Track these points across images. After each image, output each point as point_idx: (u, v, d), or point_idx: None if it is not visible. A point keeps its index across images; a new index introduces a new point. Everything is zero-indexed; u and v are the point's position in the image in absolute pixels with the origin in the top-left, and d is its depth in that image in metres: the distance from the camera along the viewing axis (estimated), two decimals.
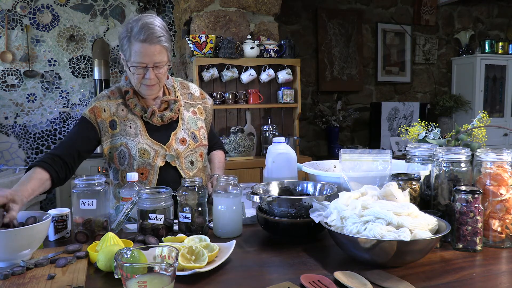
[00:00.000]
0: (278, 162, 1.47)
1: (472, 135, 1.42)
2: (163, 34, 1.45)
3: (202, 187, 1.25)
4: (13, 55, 3.64)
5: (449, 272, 0.96)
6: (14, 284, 0.91)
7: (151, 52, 1.43)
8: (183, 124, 1.61)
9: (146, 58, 1.43)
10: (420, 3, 4.91)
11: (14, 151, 3.70)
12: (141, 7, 3.94)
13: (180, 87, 1.70)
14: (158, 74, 1.48)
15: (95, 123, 1.52)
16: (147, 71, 1.46)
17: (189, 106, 1.67)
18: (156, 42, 1.43)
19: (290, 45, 3.48)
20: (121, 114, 1.55)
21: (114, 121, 1.54)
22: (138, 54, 1.43)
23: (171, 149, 1.55)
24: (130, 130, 1.53)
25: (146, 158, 1.51)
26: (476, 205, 1.08)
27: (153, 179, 1.53)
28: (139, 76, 1.47)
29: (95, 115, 1.52)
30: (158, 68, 1.47)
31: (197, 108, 1.70)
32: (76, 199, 1.21)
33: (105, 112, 1.53)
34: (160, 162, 1.54)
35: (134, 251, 0.85)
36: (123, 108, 1.56)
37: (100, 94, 1.60)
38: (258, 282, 0.92)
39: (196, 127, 1.64)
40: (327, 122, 4.36)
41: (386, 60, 4.92)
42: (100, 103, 1.55)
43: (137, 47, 1.43)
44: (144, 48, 1.42)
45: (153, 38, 1.42)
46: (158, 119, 1.55)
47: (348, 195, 1.11)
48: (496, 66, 4.91)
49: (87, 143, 1.51)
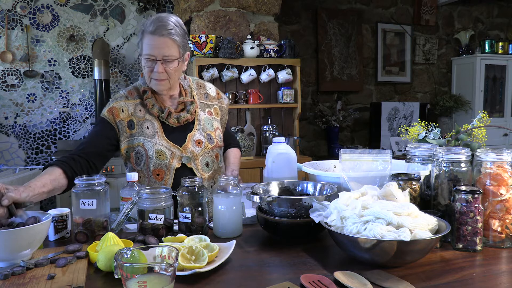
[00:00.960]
0: (278, 162, 1.47)
1: (472, 135, 1.42)
2: (174, 28, 1.45)
3: (202, 187, 1.25)
4: (13, 55, 3.64)
5: (449, 272, 0.96)
6: (14, 284, 0.91)
7: (160, 44, 1.43)
8: (199, 125, 1.61)
9: (155, 50, 1.44)
10: (420, 3, 4.91)
11: (14, 151, 3.70)
12: (141, 7, 3.94)
13: (197, 87, 1.70)
14: (167, 68, 1.47)
15: (114, 123, 1.53)
16: (156, 64, 1.45)
17: (205, 106, 1.67)
18: (166, 34, 1.43)
19: (290, 45, 3.48)
20: (138, 114, 1.55)
21: (132, 121, 1.54)
22: (148, 46, 1.44)
23: (187, 150, 1.55)
24: (148, 131, 1.53)
25: (162, 159, 1.52)
26: (476, 205, 1.08)
27: (168, 181, 1.53)
28: (148, 69, 1.48)
29: (113, 115, 1.53)
30: (168, 62, 1.46)
31: (213, 109, 1.70)
32: (76, 199, 1.21)
33: (123, 112, 1.54)
34: (176, 164, 1.54)
35: (134, 251, 0.85)
36: (140, 109, 1.56)
37: (118, 94, 1.60)
38: (258, 282, 0.92)
39: (212, 128, 1.64)
40: (327, 122, 4.36)
41: (386, 60, 4.92)
42: (118, 103, 1.55)
43: (147, 40, 1.44)
44: (153, 40, 1.43)
45: (163, 30, 1.42)
46: (174, 120, 1.55)
47: (348, 195, 1.11)
48: (496, 66, 4.91)
49: (107, 143, 1.52)
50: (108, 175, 3.35)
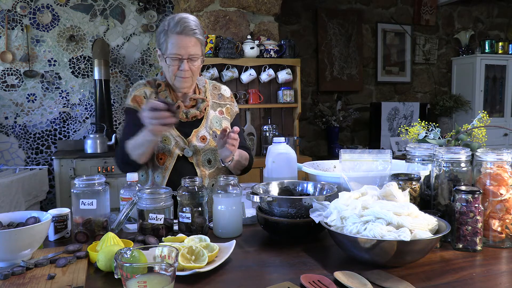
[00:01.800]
0: (278, 162, 1.47)
1: (472, 135, 1.42)
2: (198, 28, 1.53)
3: (202, 187, 1.25)
4: (13, 55, 3.64)
5: (449, 272, 0.96)
6: (14, 284, 0.91)
7: (186, 44, 1.50)
8: (206, 122, 1.64)
9: (182, 49, 1.50)
10: (420, 3, 4.91)
11: (14, 151, 3.70)
12: (141, 7, 3.94)
13: (212, 88, 1.74)
14: (192, 66, 1.54)
15: (140, 109, 1.56)
16: (182, 63, 1.52)
17: (217, 106, 1.71)
18: (192, 34, 1.50)
19: (290, 45, 3.48)
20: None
21: None
22: (174, 46, 1.51)
23: (191, 145, 1.59)
24: None
25: (166, 144, 1.57)
26: (476, 205, 1.08)
27: (169, 166, 1.57)
28: (174, 68, 1.54)
29: (137, 103, 1.59)
30: (193, 60, 1.54)
31: (225, 108, 1.73)
32: (76, 199, 1.21)
33: (145, 98, 1.60)
34: (179, 152, 1.58)
35: (134, 251, 0.85)
36: (155, 97, 1.62)
37: (137, 83, 1.66)
38: (258, 282, 0.92)
39: (220, 126, 1.66)
40: (327, 122, 4.36)
41: (386, 60, 4.92)
42: (139, 90, 1.62)
43: (173, 39, 1.50)
44: (180, 40, 1.50)
45: (189, 30, 1.50)
46: (182, 115, 1.59)
47: (348, 195, 1.11)
48: (496, 66, 4.91)
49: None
50: (108, 175, 3.35)
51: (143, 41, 3.99)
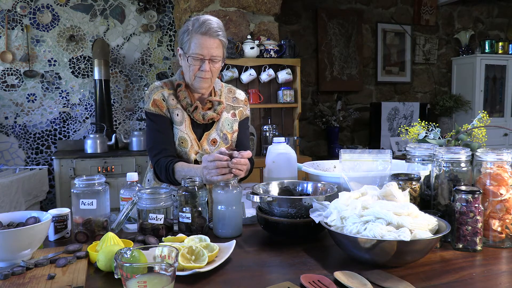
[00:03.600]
0: (278, 162, 1.47)
1: (472, 135, 1.42)
2: (221, 30, 1.55)
3: (202, 187, 1.25)
4: (13, 55, 3.64)
5: (449, 272, 0.96)
6: (14, 284, 0.91)
7: (210, 44, 1.52)
8: (218, 125, 1.65)
9: (205, 50, 1.51)
10: (420, 3, 4.91)
11: (14, 151, 3.70)
12: (141, 7, 3.94)
13: (227, 91, 1.75)
14: (212, 68, 1.55)
15: (163, 113, 1.59)
16: (203, 63, 1.53)
17: (230, 108, 1.71)
18: (215, 36, 1.52)
19: (290, 45, 3.48)
20: (171, 102, 1.61)
21: (167, 108, 1.61)
22: (197, 46, 1.51)
23: (202, 148, 1.61)
24: (177, 118, 1.60)
25: (183, 147, 1.58)
26: (476, 205, 1.08)
27: None
28: (195, 67, 1.54)
29: (158, 107, 1.59)
30: (214, 62, 1.55)
31: (238, 111, 1.73)
32: (76, 199, 1.21)
33: (164, 101, 1.60)
34: (194, 155, 1.60)
35: (134, 251, 0.85)
36: (173, 98, 1.62)
37: (153, 85, 1.65)
38: (258, 282, 0.92)
39: (231, 129, 1.67)
40: (327, 122, 4.36)
41: (386, 60, 4.92)
42: (157, 94, 1.61)
43: (197, 39, 1.51)
44: (204, 40, 1.51)
45: (213, 32, 1.51)
46: (199, 116, 1.60)
47: (348, 195, 1.11)
48: (496, 66, 4.91)
49: (169, 135, 1.59)
50: (108, 175, 3.36)
51: (143, 41, 3.99)
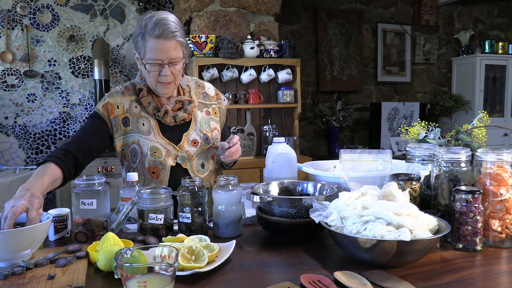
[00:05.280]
0: (278, 162, 1.47)
1: (472, 135, 1.42)
2: (177, 29, 1.42)
3: (202, 187, 1.25)
4: (13, 55, 3.64)
5: (449, 272, 0.96)
6: (14, 284, 0.91)
7: (167, 48, 1.40)
8: (195, 125, 1.58)
9: (162, 54, 1.41)
10: (420, 3, 4.91)
11: (14, 151, 3.70)
12: (141, 7, 3.94)
13: (195, 86, 1.66)
14: (173, 70, 1.45)
15: (108, 120, 1.49)
16: (163, 68, 1.43)
17: (203, 106, 1.64)
18: (171, 37, 1.40)
19: (290, 45, 3.48)
20: (134, 111, 1.52)
21: (127, 118, 1.51)
22: (153, 51, 1.40)
23: (183, 150, 1.53)
24: (143, 127, 1.51)
25: (157, 156, 1.49)
26: (476, 205, 1.08)
27: (164, 179, 1.51)
28: (155, 73, 1.45)
29: (108, 111, 1.49)
30: (174, 64, 1.44)
31: (211, 109, 1.66)
32: (76, 199, 1.21)
33: (118, 108, 1.50)
34: (172, 162, 1.51)
35: (134, 251, 0.85)
36: (136, 105, 1.53)
37: (114, 89, 1.56)
38: (258, 282, 0.92)
39: (209, 128, 1.61)
40: (327, 122, 4.36)
41: (386, 60, 4.92)
42: (114, 99, 1.52)
43: (152, 44, 1.40)
44: (160, 44, 1.39)
45: (168, 33, 1.39)
46: (171, 119, 1.52)
47: (348, 195, 1.11)
48: (496, 66, 4.91)
49: (99, 140, 1.48)
50: (108, 175, 3.35)
51: None
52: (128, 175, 1.38)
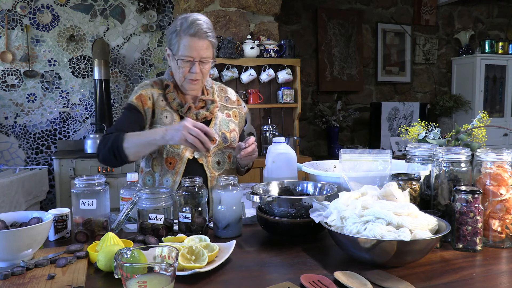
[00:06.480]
0: (278, 162, 1.47)
1: (472, 135, 1.42)
2: (210, 30, 1.52)
3: (202, 187, 1.25)
4: (13, 55, 3.64)
5: (449, 272, 0.96)
6: (14, 284, 0.91)
7: (199, 46, 1.49)
8: (215, 124, 1.64)
9: (194, 52, 1.49)
10: (420, 3, 4.91)
11: (14, 151, 3.70)
12: (141, 7, 3.94)
13: (218, 90, 1.74)
14: (202, 69, 1.53)
15: (142, 110, 1.56)
16: (193, 65, 1.51)
17: (224, 108, 1.71)
18: (205, 37, 1.49)
19: (290, 45, 3.48)
20: (160, 103, 1.58)
21: (154, 110, 1.58)
22: (186, 48, 1.49)
23: None
24: (166, 120, 1.56)
25: (176, 148, 1.55)
26: (476, 205, 1.08)
27: (180, 170, 1.56)
28: (185, 69, 1.52)
29: (142, 102, 1.55)
30: (204, 63, 1.52)
31: (232, 112, 1.73)
32: (76, 199, 1.21)
33: (150, 100, 1.57)
34: (189, 155, 1.57)
35: (134, 251, 0.85)
36: (162, 99, 1.59)
37: (143, 82, 1.63)
38: (258, 282, 0.92)
39: (228, 128, 1.67)
40: (327, 122, 4.36)
41: (386, 60, 4.92)
42: (146, 91, 1.58)
43: (186, 41, 1.49)
44: (193, 42, 1.48)
45: (202, 33, 1.48)
46: (193, 115, 1.57)
47: (348, 195, 1.11)
48: (496, 66, 4.91)
49: (134, 128, 1.53)
50: (108, 175, 3.35)
51: (143, 41, 3.99)
52: (128, 175, 1.38)
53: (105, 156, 1.46)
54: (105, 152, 1.44)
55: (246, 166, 1.72)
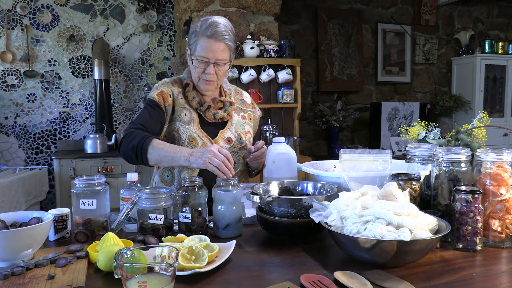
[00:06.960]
0: (278, 162, 1.47)
1: (472, 135, 1.42)
2: (228, 34, 1.53)
3: (202, 187, 1.25)
4: (13, 55, 3.64)
5: (449, 272, 0.96)
6: (14, 284, 0.91)
7: (215, 48, 1.51)
8: (231, 125, 1.66)
9: (210, 53, 1.51)
10: (420, 3, 4.91)
11: (14, 151, 3.70)
12: (141, 7, 3.94)
13: (235, 92, 1.77)
14: (218, 71, 1.55)
15: (163, 107, 1.57)
16: (208, 66, 1.53)
17: (240, 110, 1.73)
18: (221, 39, 1.51)
19: (290, 45, 3.48)
20: (180, 101, 1.61)
21: (174, 107, 1.60)
22: (202, 49, 1.52)
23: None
24: (185, 117, 1.59)
25: (193, 145, 1.56)
26: (476, 205, 1.08)
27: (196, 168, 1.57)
28: (199, 70, 1.55)
29: (163, 99, 1.57)
30: (219, 65, 1.54)
31: (247, 114, 1.76)
32: (76, 199, 1.21)
33: (170, 97, 1.59)
34: None
35: (134, 251, 0.85)
36: (182, 97, 1.62)
37: (163, 80, 1.65)
38: (258, 282, 0.92)
39: (243, 130, 1.69)
40: (327, 122, 4.36)
41: (386, 60, 4.92)
42: (167, 88, 1.60)
43: (203, 42, 1.51)
44: (209, 44, 1.51)
45: (219, 35, 1.50)
46: (211, 115, 1.60)
47: (348, 195, 1.11)
48: (496, 66, 4.91)
49: (156, 125, 1.56)
50: (108, 175, 3.35)
51: (143, 41, 3.99)
52: (128, 175, 1.38)
53: (126, 152, 1.48)
54: (129, 149, 1.46)
55: (256, 169, 1.74)
